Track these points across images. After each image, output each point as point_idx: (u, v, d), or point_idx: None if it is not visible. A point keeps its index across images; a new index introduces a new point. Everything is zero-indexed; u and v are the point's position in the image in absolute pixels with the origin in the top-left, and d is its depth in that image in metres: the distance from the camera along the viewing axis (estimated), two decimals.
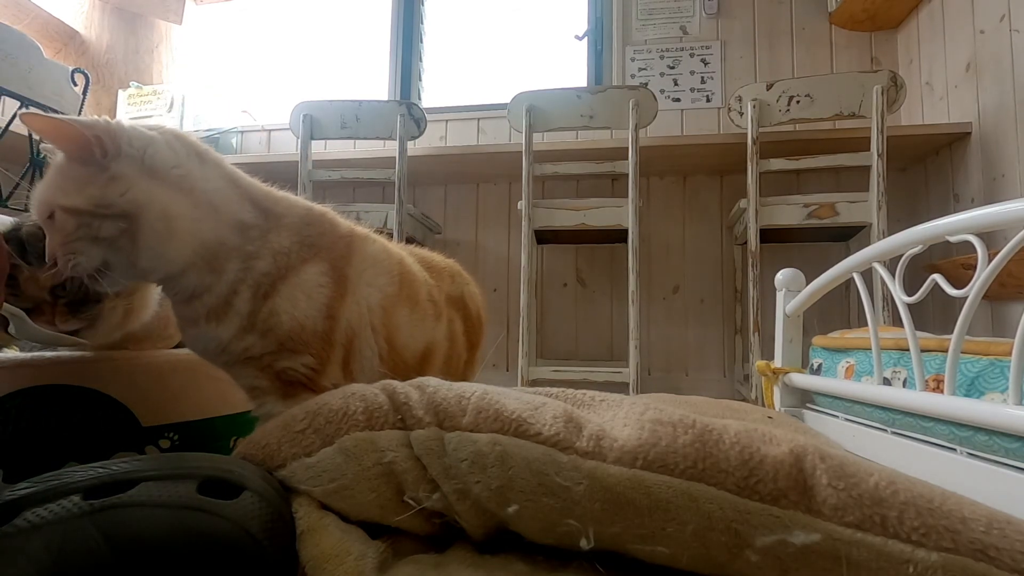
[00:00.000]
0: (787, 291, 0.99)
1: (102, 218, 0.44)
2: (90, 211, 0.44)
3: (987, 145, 1.64)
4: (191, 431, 0.58)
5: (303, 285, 0.50)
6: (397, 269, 0.59)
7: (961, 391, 0.58)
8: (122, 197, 0.45)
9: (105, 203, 0.44)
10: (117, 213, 0.44)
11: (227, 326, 0.48)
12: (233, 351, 0.49)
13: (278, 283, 0.49)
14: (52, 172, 0.46)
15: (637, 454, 0.31)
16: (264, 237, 0.50)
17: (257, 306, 0.48)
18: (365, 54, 2.71)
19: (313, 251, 0.52)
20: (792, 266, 1.02)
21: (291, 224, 0.52)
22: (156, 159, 0.47)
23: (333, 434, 0.36)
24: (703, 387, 2.09)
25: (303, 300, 0.50)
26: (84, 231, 0.44)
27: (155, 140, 0.48)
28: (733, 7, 2.29)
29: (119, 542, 0.27)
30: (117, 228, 0.44)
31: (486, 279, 2.31)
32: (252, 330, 0.49)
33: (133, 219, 0.45)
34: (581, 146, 1.97)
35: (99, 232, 0.44)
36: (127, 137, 0.46)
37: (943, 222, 0.58)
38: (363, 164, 2.06)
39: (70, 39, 2.48)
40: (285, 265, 0.50)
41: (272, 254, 0.50)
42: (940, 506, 0.28)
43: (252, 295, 0.48)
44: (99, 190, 0.44)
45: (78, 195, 0.44)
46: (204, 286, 0.48)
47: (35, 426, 0.48)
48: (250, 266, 0.49)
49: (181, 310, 0.50)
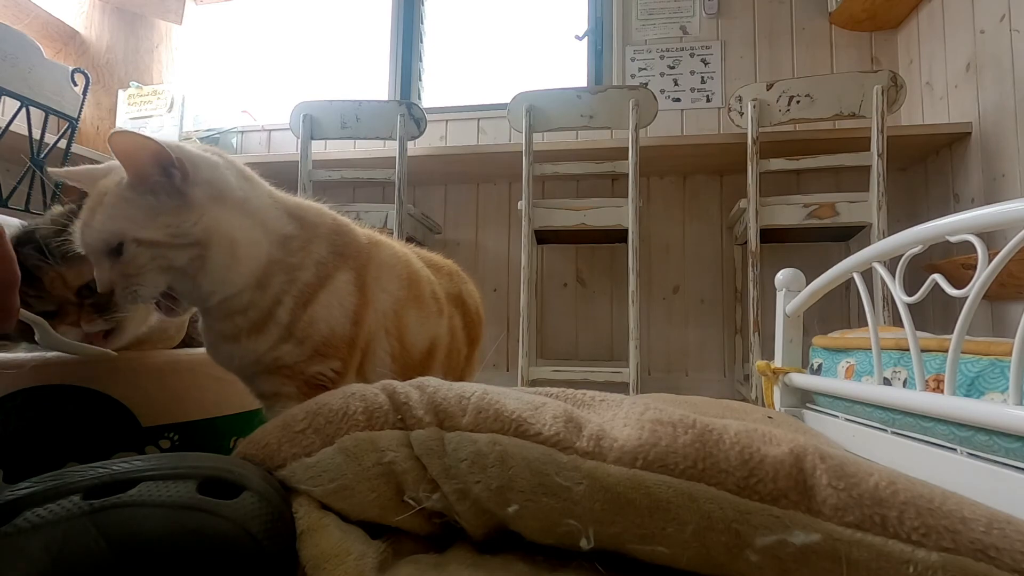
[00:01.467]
0: (787, 291, 0.99)
1: (177, 248, 0.43)
2: (167, 242, 0.43)
3: (987, 145, 1.64)
4: (191, 431, 0.58)
5: (336, 293, 0.51)
6: (406, 272, 0.60)
7: (961, 391, 0.58)
8: (196, 225, 0.44)
9: (181, 232, 0.44)
10: (191, 242, 0.44)
11: (266, 338, 0.49)
12: (266, 361, 0.50)
13: (318, 292, 0.50)
14: (117, 203, 0.44)
15: (637, 454, 0.31)
16: (306, 248, 0.51)
17: (298, 315, 0.49)
18: (365, 54, 2.71)
19: (343, 259, 0.53)
20: (792, 266, 1.02)
21: (324, 234, 0.53)
22: (222, 184, 0.47)
23: (333, 434, 0.36)
24: (703, 387, 2.09)
25: (336, 308, 0.51)
26: (157, 262, 0.43)
27: (219, 164, 0.47)
28: (733, 7, 2.29)
29: (119, 542, 0.27)
30: (189, 256, 0.44)
31: (486, 279, 2.31)
32: (289, 339, 0.49)
33: (205, 246, 0.44)
34: (581, 146, 1.97)
35: (172, 262, 0.43)
36: (196, 161, 0.46)
37: (943, 222, 0.58)
38: (363, 164, 2.06)
39: (70, 39, 2.48)
40: (324, 274, 0.51)
41: (314, 264, 0.51)
42: (940, 506, 0.28)
43: (294, 305, 0.49)
44: (174, 219, 0.44)
45: (153, 226, 0.43)
46: (249, 303, 0.48)
47: (35, 426, 0.48)
48: (294, 277, 0.50)
49: (219, 326, 0.50)
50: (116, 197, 0.44)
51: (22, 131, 1.49)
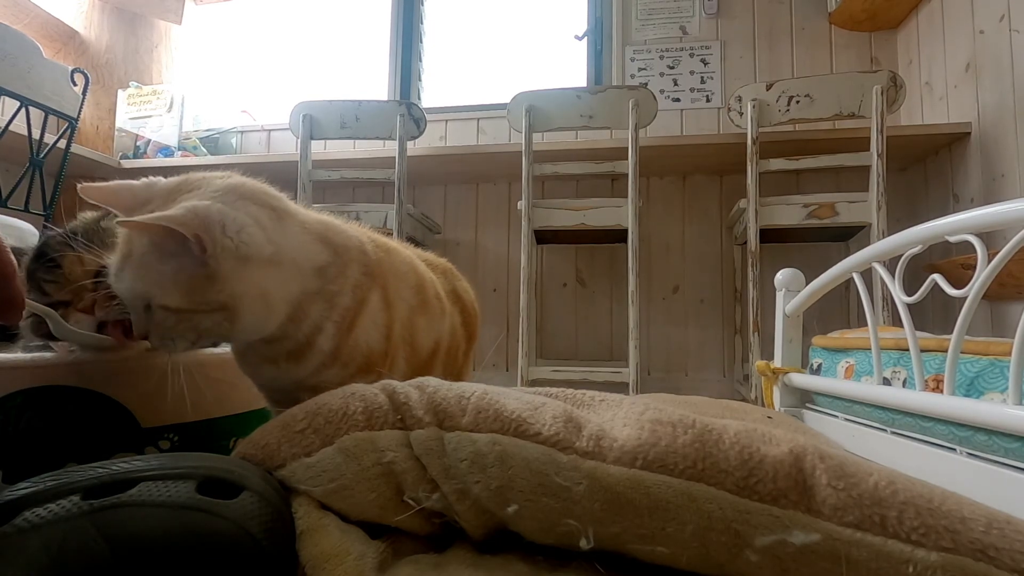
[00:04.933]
0: (787, 291, 0.99)
1: (203, 313, 0.43)
2: (192, 309, 0.43)
3: (987, 145, 1.64)
4: (191, 432, 0.58)
5: (371, 313, 0.52)
6: (415, 279, 0.61)
7: (961, 391, 0.59)
8: (221, 293, 0.43)
9: (206, 300, 0.43)
10: (217, 308, 0.43)
11: (307, 364, 0.49)
12: (309, 384, 0.50)
13: (358, 316, 0.51)
14: (141, 265, 0.43)
15: (637, 454, 0.31)
16: (343, 274, 0.51)
17: (342, 341, 0.50)
18: (365, 54, 2.71)
19: (372, 279, 0.53)
20: (792, 266, 1.02)
21: (355, 257, 0.53)
22: (250, 245, 0.44)
23: (333, 434, 0.36)
24: (703, 387, 2.09)
25: (372, 328, 0.52)
26: (184, 325, 0.43)
27: (246, 225, 0.45)
28: (733, 7, 2.29)
29: (119, 542, 0.27)
30: (215, 320, 0.44)
31: (486, 279, 2.31)
32: (334, 364, 0.50)
33: (233, 310, 0.44)
34: (581, 146, 1.97)
35: (199, 324, 0.43)
36: (220, 227, 0.43)
37: (943, 222, 0.58)
38: (363, 164, 2.06)
39: (70, 39, 2.48)
40: (361, 297, 0.51)
41: (352, 288, 0.51)
42: (940, 506, 0.28)
43: (336, 331, 0.49)
44: (199, 286, 0.43)
45: (176, 294, 0.42)
46: (283, 335, 0.48)
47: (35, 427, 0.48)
48: (334, 304, 0.49)
49: (256, 347, 0.50)
50: (140, 259, 0.43)
51: (21, 131, 1.49)
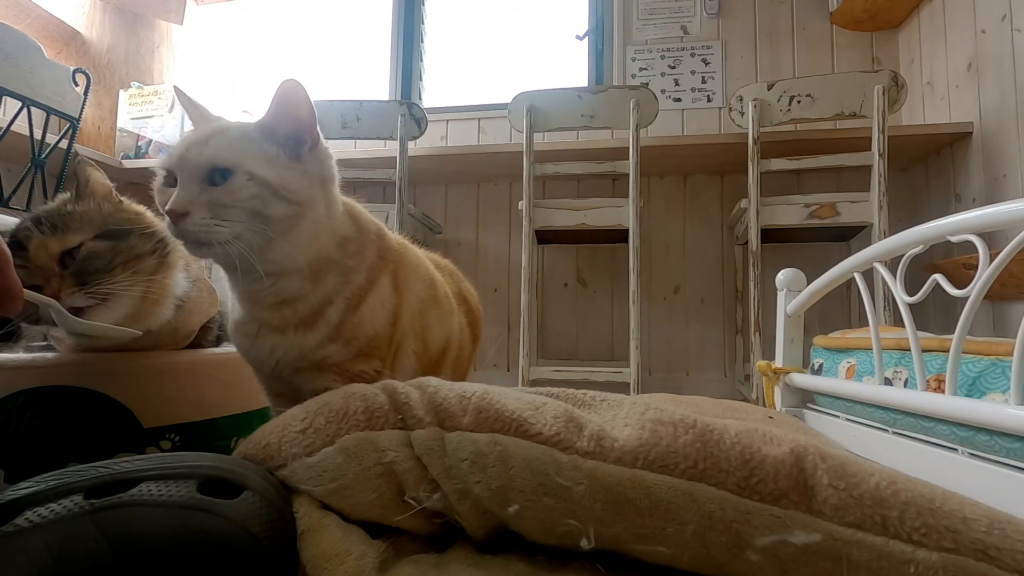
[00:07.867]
0: (788, 291, 0.99)
1: (280, 199, 0.46)
2: (275, 188, 0.45)
3: (988, 145, 1.64)
4: (192, 432, 0.58)
5: (380, 295, 0.53)
6: (427, 274, 0.62)
7: (962, 391, 0.58)
8: (308, 189, 0.47)
9: (292, 188, 0.46)
10: (295, 200, 0.46)
11: (315, 335, 0.50)
12: (313, 358, 0.50)
13: (367, 295, 0.52)
14: (241, 137, 0.46)
15: (638, 454, 0.31)
16: (362, 252, 0.53)
17: (348, 317, 0.51)
18: (365, 54, 2.71)
19: (384, 263, 0.55)
20: (793, 266, 1.02)
21: (373, 239, 0.55)
22: (331, 172, 0.51)
23: (334, 434, 0.36)
24: (704, 387, 2.09)
25: (379, 310, 0.53)
26: (255, 203, 0.44)
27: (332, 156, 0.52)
28: (734, 7, 2.29)
29: (120, 541, 0.27)
30: (285, 213, 0.46)
31: (486, 279, 2.31)
32: (338, 339, 0.51)
33: (302, 212, 0.47)
34: (582, 146, 1.96)
35: (267, 209, 0.45)
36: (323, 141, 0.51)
37: (944, 222, 0.58)
38: (364, 164, 2.06)
39: (71, 39, 2.48)
40: (373, 278, 0.53)
41: (366, 268, 0.52)
42: (941, 506, 0.28)
43: (345, 307, 0.51)
44: (289, 174, 0.46)
45: (271, 169, 0.46)
46: (299, 293, 0.49)
47: (36, 427, 0.48)
48: (349, 279, 0.51)
49: (266, 315, 0.50)
50: (241, 131, 0.47)
51: (23, 131, 1.50)
